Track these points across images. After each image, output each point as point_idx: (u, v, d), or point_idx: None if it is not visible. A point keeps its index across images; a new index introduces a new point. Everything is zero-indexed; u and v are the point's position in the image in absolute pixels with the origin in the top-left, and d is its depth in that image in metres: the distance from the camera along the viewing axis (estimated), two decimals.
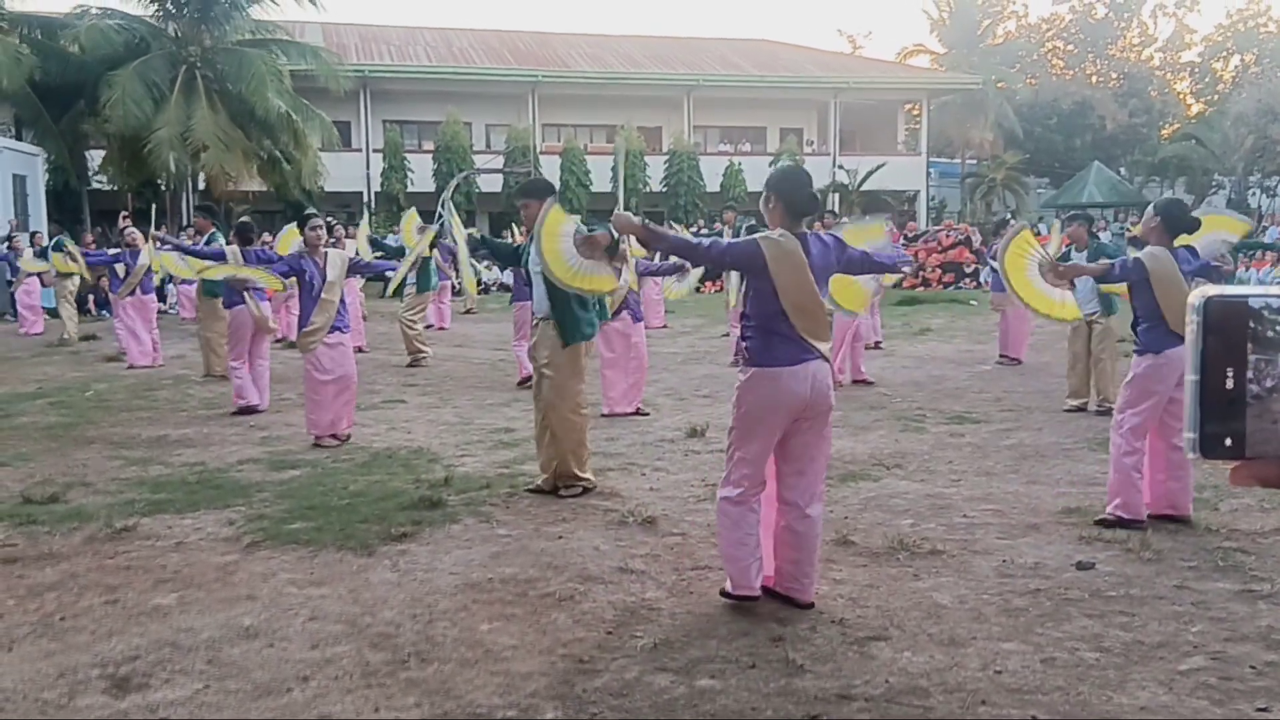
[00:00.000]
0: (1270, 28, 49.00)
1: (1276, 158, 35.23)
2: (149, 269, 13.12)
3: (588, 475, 6.61)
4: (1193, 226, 5.97)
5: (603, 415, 9.10)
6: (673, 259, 9.01)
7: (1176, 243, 5.88)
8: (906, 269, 5.45)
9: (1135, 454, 5.75)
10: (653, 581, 4.86)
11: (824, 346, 4.43)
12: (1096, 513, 5.94)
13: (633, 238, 5.29)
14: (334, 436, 8.23)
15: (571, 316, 6.43)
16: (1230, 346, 0.93)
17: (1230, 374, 0.93)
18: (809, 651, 4.01)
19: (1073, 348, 9.61)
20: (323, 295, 8.08)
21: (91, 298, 20.91)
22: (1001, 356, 12.96)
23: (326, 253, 8.28)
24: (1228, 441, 0.93)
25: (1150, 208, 6.07)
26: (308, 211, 8.92)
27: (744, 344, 4.51)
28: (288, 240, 13.36)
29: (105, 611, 4.54)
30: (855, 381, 10.98)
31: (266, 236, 16.14)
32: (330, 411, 8.19)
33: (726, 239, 4.73)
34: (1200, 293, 0.95)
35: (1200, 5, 53.11)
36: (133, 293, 13.06)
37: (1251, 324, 0.92)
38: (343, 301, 8.35)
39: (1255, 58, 47.66)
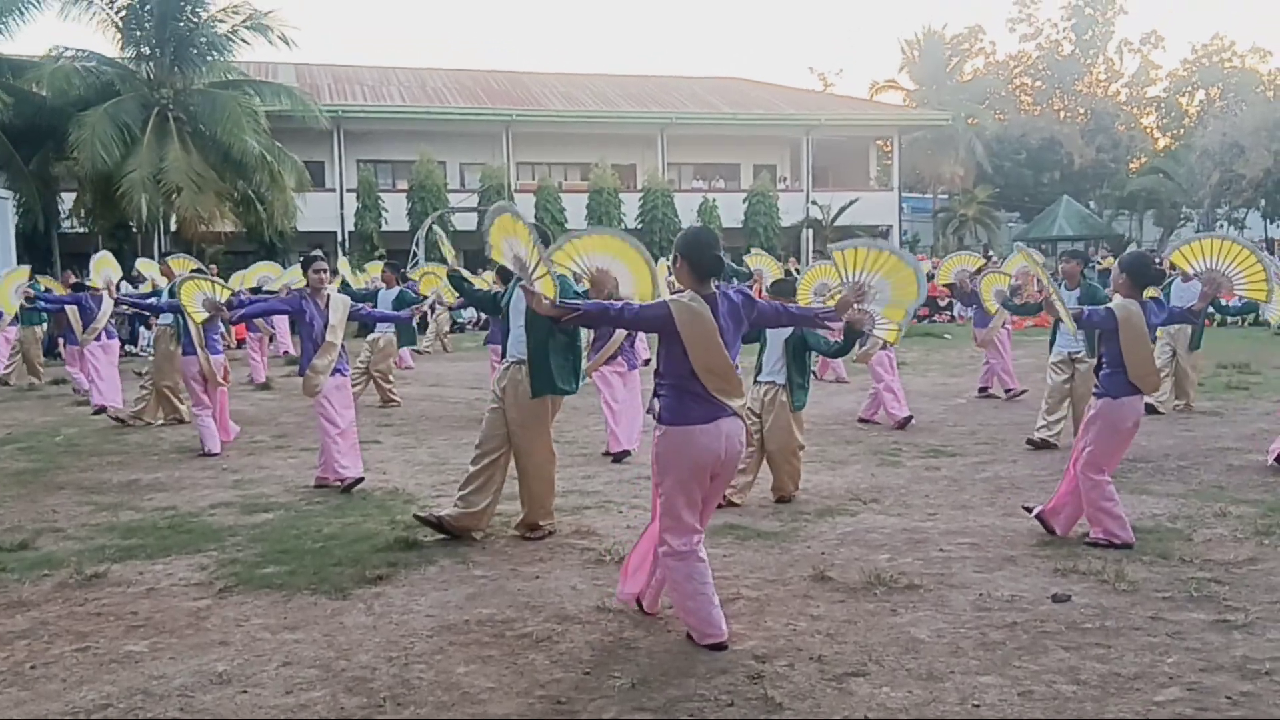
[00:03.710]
0: (1234, 63, 49.92)
1: (1243, 191, 35.74)
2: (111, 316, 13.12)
3: (550, 521, 6.55)
4: (1157, 279, 6.35)
5: (612, 453, 9.07)
6: None
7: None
8: (831, 324, 5.44)
9: (1099, 485, 5.99)
10: (630, 620, 4.83)
11: (736, 404, 4.57)
12: (1072, 544, 5.99)
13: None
14: (340, 479, 8.05)
15: (546, 366, 6.25)
16: None
17: None
18: (788, 689, 4.00)
19: (1050, 382, 9.53)
20: (326, 338, 8.01)
21: (62, 341, 20.73)
22: (981, 391, 13.00)
23: (329, 295, 8.22)
24: None
25: (1116, 264, 6.23)
26: (313, 253, 8.86)
27: (657, 401, 4.61)
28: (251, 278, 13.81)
29: (76, 659, 4.47)
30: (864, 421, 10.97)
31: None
32: (342, 454, 8.02)
33: (638, 303, 4.79)
34: None
35: (1165, 41, 53.89)
36: (98, 337, 13.01)
37: None
38: (342, 344, 8.22)
39: (1220, 92, 48.49)
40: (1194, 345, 11.46)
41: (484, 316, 25.31)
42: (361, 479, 8.01)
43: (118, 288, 13.51)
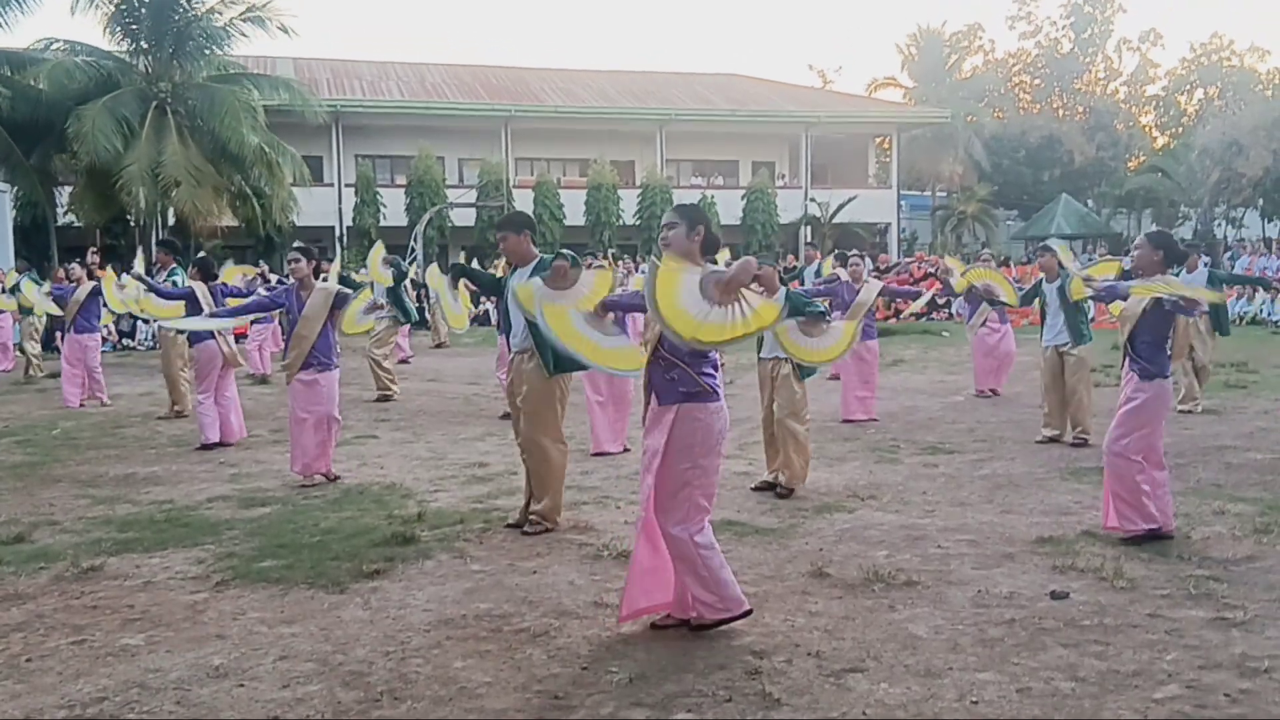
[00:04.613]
0: (1234, 62, 49.92)
1: (1241, 190, 35.73)
2: (84, 307, 13.05)
3: (557, 518, 6.53)
4: (1184, 258, 6.32)
5: (593, 455, 9.03)
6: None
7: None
8: None
9: (1145, 471, 5.95)
10: None
11: None
12: (1071, 541, 5.98)
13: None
14: (323, 475, 8.04)
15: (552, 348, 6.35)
16: None
17: None
18: (785, 684, 3.99)
19: (1044, 379, 9.65)
20: (296, 329, 7.97)
21: (59, 334, 20.70)
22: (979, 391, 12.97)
23: (315, 286, 8.13)
24: None
25: (1147, 241, 6.14)
26: (295, 245, 8.83)
27: (705, 379, 4.50)
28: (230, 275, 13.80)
29: (72, 652, 4.46)
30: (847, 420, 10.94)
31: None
32: (306, 449, 8.01)
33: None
34: None
35: (1164, 40, 53.93)
36: (68, 330, 13.17)
37: None
38: (326, 336, 8.04)
39: (1219, 90, 48.49)
40: (1223, 330, 11.39)
41: (484, 310, 25.36)
42: (326, 478, 8.04)
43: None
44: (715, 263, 4.74)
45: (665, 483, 4.51)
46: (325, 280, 9.06)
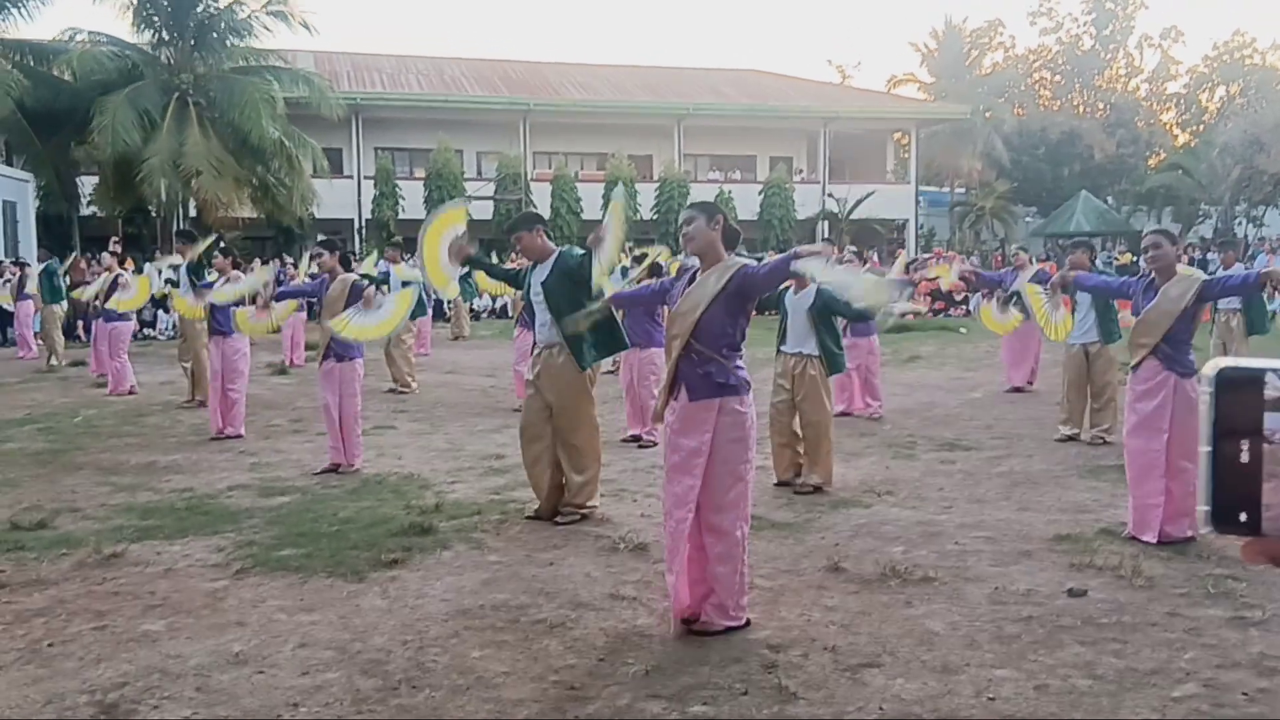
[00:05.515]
0: (1255, 59, 49.59)
1: (1262, 188, 35.49)
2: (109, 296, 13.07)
3: (594, 503, 6.58)
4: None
5: (622, 442, 9.08)
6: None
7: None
8: None
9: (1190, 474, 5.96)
10: (644, 608, 4.84)
11: None
12: (1089, 539, 5.96)
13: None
14: (333, 468, 8.09)
15: (583, 341, 6.36)
16: (1245, 419, 0.90)
17: (1245, 447, 0.90)
18: (801, 679, 4.00)
19: (1066, 376, 9.57)
20: (320, 319, 8.18)
21: (80, 323, 20.83)
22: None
23: (340, 277, 8.21)
24: (1242, 516, 0.91)
25: (1167, 240, 6.08)
26: (318, 240, 8.98)
27: (736, 371, 4.52)
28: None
29: (94, 638, 4.50)
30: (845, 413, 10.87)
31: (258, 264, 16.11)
32: (329, 438, 8.13)
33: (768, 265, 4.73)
34: (1214, 364, 0.92)
35: (1185, 37, 53.56)
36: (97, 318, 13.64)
37: (1267, 396, 0.89)
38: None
39: (1241, 89, 48.18)
40: (1261, 328, 11.26)
41: (501, 305, 25.47)
42: (335, 468, 8.09)
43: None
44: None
45: (719, 479, 4.47)
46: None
